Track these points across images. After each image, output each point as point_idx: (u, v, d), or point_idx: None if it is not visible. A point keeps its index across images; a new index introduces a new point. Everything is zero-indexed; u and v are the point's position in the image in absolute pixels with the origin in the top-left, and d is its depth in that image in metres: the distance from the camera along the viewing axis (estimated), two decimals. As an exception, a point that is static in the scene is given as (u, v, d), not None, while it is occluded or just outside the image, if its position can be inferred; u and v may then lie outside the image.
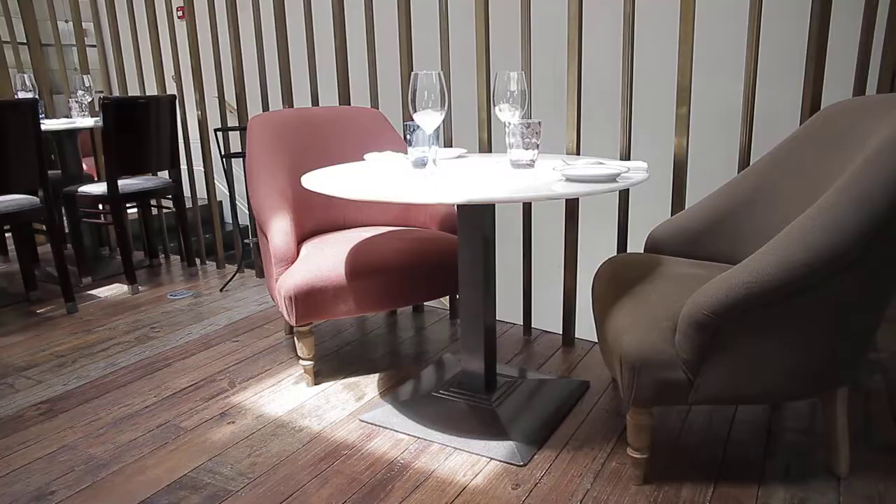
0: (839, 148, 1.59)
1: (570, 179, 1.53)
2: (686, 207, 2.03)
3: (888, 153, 1.28)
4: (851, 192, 1.28)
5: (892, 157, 1.27)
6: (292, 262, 2.01)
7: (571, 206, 2.28)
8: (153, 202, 3.65)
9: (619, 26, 2.09)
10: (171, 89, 3.46)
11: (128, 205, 3.50)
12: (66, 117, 3.36)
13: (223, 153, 3.01)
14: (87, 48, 3.79)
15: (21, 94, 3.13)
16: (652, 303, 1.54)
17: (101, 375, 2.27)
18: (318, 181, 1.62)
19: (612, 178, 1.51)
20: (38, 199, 2.77)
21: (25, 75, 3.12)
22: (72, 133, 3.38)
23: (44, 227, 3.13)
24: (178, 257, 3.77)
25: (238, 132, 3.17)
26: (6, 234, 3.92)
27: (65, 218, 3.38)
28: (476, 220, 1.73)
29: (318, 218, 2.34)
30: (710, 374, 1.44)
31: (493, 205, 1.76)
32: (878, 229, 1.28)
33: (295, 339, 2.08)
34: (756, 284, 1.34)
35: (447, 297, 2.78)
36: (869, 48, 1.90)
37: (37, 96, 3.05)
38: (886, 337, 2.35)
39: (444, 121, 1.65)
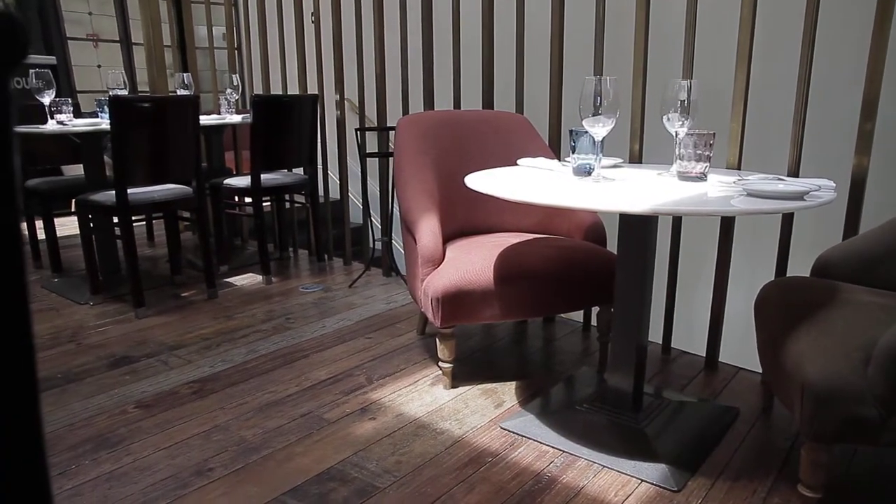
0: None
1: (751, 194, 1.44)
2: (858, 232, 1.89)
3: None
4: None
5: None
6: (439, 264, 2.02)
7: (727, 223, 2.17)
8: (287, 197, 3.79)
9: (781, 33, 1.97)
10: (311, 89, 3.59)
11: (264, 198, 3.67)
12: (214, 114, 3.55)
13: (362, 153, 3.09)
14: (234, 50, 4.00)
15: (179, 92, 3.33)
16: (839, 331, 1.43)
17: (244, 361, 2.37)
18: (485, 183, 1.61)
19: (800, 196, 1.42)
20: (190, 190, 2.93)
21: (185, 75, 3.32)
22: (219, 129, 3.57)
23: (186, 216, 3.32)
24: (306, 251, 3.90)
25: (374, 135, 3.24)
26: (153, 222, 4.19)
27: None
28: (640, 232, 1.68)
29: (461, 220, 2.34)
30: (905, 413, 1.32)
31: (657, 218, 1.70)
32: None
33: (437, 340, 2.09)
34: (972, 320, 1.21)
35: (583, 309, 2.71)
36: None
37: (195, 94, 3.23)
38: None
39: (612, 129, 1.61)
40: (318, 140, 3.53)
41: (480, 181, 1.66)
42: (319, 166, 3.59)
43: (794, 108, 1.98)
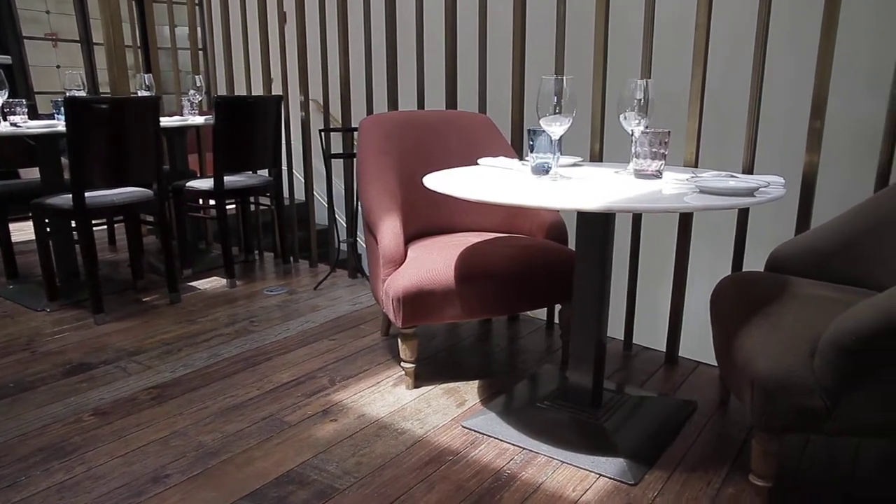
0: None
1: (703, 191, 1.47)
2: (810, 227, 1.93)
3: None
4: None
5: None
6: (401, 264, 2.01)
7: (685, 220, 2.20)
8: (252, 199, 3.75)
9: (740, 35, 2.01)
10: (275, 91, 3.56)
11: (228, 200, 3.63)
12: (177, 115, 3.51)
13: (326, 154, 3.07)
14: (198, 51, 3.95)
15: (140, 93, 3.28)
16: (787, 325, 1.46)
17: (206, 365, 2.34)
18: (443, 183, 1.61)
19: (751, 193, 1.44)
20: (151, 192, 2.89)
21: (146, 76, 3.27)
22: (182, 130, 3.52)
23: (149, 219, 3.27)
24: (272, 254, 3.87)
25: (339, 135, 3.23)
26: (114, 225, 4.12)
27: (170, 211, 3.52)
28: (598, 230, 1.69)
29: (423, 221, 2.34)
30: (851, 403, 1.35)
31: (614, 215, 1.72)
32: None
33: (398, 340, 2.08)
34: (912, 311, 1.24)
35: (545, 307, 2.73)
36: None
37: (156, 95, 3.18)
38: None
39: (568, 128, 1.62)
40: (283, 141, 3.50)
41: (438, 181, 1.66)
42: (284, 168, 3.56)
43: (747, 107, 2.02)
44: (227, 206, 3.28)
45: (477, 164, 2.11)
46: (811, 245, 1.85)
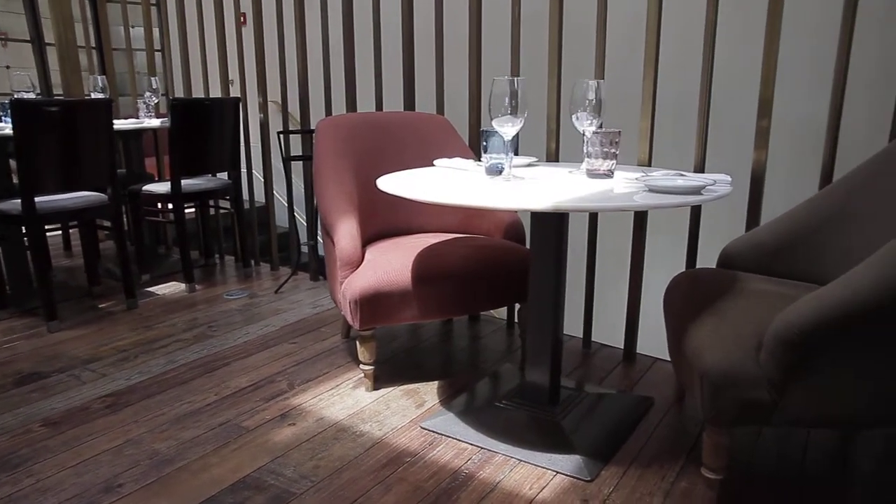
0: (938, 165, 1.52)
1: (652, 190, 1.49)
2: (760, 223, 1.97)
3: None
4: (960, 211, 1.22)
5: None
6: (358, 266, 2.01)
7: (640, 218, 2.23)
8: (211, 202, 3.70)
9: (690, 35, 2.05)
10: (233, 92, 3.52)
11: (187, 204, 3.57)
12: (132, 118, 3.44)
13: (285, 156, 3.04)
14: (154, 52, 3.89)
15: (93, 95, 3.21)
16: (735, 320, 1.49)
17: (163, 371, 2.30)
18: (396, 185, 1.61)
19: (697, 191, 1.47)
20: (105, 197, 2.83)
21: (99, 77, 3.21)
22: (138, 133, 3.46)
23: (106, 224, 3.21)
24: (233, 258, 3.82)
25: (297, 137, 3.20)
26: (70, 230, 4.03)
27: (127, 215, 3.46)
28: (551, 229, 1.71)
29: (381, 222, 2.34)
30: (795, 395, 1.38)
31: (568, 214, 1.73)
32: None
33: (357, 343, 2.08)
34: (850, 304, 1.28)
35: (505, 307, 2.75)
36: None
37: (110, 98, 3.12)
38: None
39: (520, 128, 1.63)
40: (242, 144, 3.47)
41: (390, 183, 1.66)
42: (244, 170, 3.52)
43: (697, 107, 2.06)
44: (186, 210, 3.24)
45: (433, 165, 2.11)
46: (760, 241, 1.89)
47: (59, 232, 4.05)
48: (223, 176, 3.53)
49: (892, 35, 1.81)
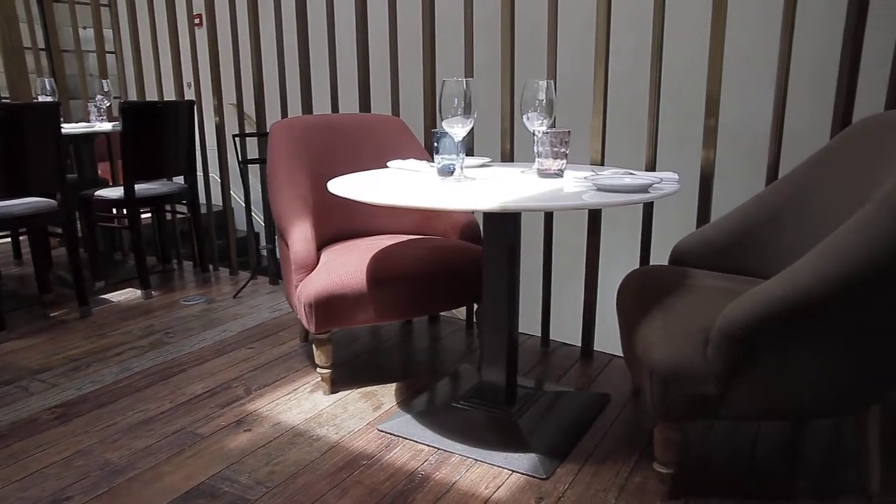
0: (875, 162, 1.57)
1: (600, 189, 1.51)
2: (711, 220, 2.01)
3: (930, 167, 1.25)
4: (892, 207, 1.26)
5: (933, 171, 1.25)
6: (312, 269, 1.99)
7: (594, 216, 2.25)
8: (167, 207, 3.64)
9: (643, 35, 2.08)
10: (188, 95, 3.46)
11: (142, 209, 3.50)
12: (84, 122, 3.37)
13: (241, 159, 3.01)
14: (106, 54, 3.81)
15: (41, 98, 3.13)
16: (683, 316, 1.52)
17: (116, 380, 2.25)
18: (345, 187, 1.60)
19: (644, 189, 1.49)
20: (55, 203, 2.76)
21: (46, 80, 3.13)
22: (89, 137, 3.38)
23: (59, 231, 3.13)
24: (191, 263, 3.76)
25: (254, 139, 3.17)
26: (20, 237, 3.92)
27: (80, 222, 3.38)
28: (503, 229, 1.71)
29: (338, 225, 2.32)
30: (741, 388, 1.41)
31: (520, 214, 1.74)
32: (919, 244, 1.25)
33: (313, 346, 2.06)
34: (792, 298, 1.31)
35: (463, 307, 2.75)
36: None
37: (57, 101, 3.05)
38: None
39: (470, 129, 1.64)
40: (198, 147, 3.41)
41: (339, 185, 1.65)
42: (200, 174, 3.47)
43: (647, 106, 2.09)
44: (143, 215, 3.18)
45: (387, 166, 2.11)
46: (710, 238, 1.92)
47: (9, 239, 3.94)
48: (179, 180, 3.47)
49: (837, 31, 1.86)
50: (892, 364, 1.45)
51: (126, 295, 3.22)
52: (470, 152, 2.48)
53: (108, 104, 3.30)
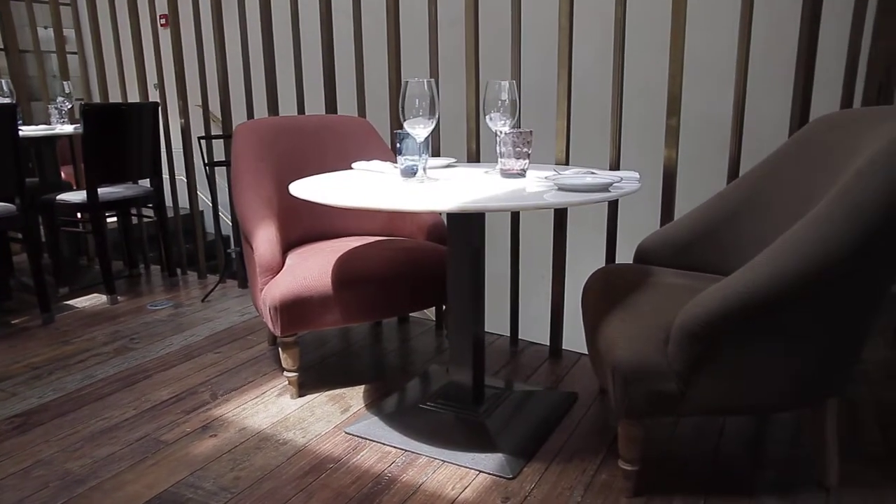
0: (830, 159, 1.60)
1: (561, 188, 1.51)
2: (675, 218, 2.03)
3: (879, 165, 1.28)
4: (844, 203, 1.28)
5: (883, 169, 1.28)
6: (278, 272, 1.97)
7: (560, 216, 2.27)
8: (134, 211, 3.58)
9: (609, 36, 2.09)
10: (154, 97, 3.41)
11: (108, 213, 3.44)
12: (45, 124, 3.30)
13: (206, 162, 2.97)
14: (68, 55, 3.74)
15: (-1, 100, 3.06)
16: (644, 314, 1.53)
17: (78, 388, 2.21)
18: (307, 189, 1.59)
19: (605, 188, 1.50)
20: (13, 207, 2.71)
21: (3, 80, 3.06)
22: (50, 140, 3.32)
23: (20, 236, 3.06)
24: (159, 267, 3.71)
25: (222, 141, 3.14)
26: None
27: (42, 226, 3.31)
28: (466, 229, 1.71)
29: (304, 227, 2.31)
30: (702, 385, 1.43)
31: (483, 214, 1.75)
32: (870, 240, 1.28)
33: (279, 349, 2.04)
34: (750, 295, 1.33)
35: (433, 307, 2.75)
36: (856, 61, 1.92)
37: (14, 102, 2.99)
38: (872, 348, 2.36)
39: (433, 130, 1.63)
40: (164, 150, 3.37)
41: (302, 187, 1.64)
42: (166, 177, 3.42)
43: (610, 106, 2.10)
44: (109, 220, 3.12)
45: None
46: (672, 236, 1.94)
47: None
48: (146, 183, 3.42)
49: (796, 31, 1.89)
50: (847, 358, 1.47)
51: (91, 301, 3.16)
52: (436, 153, 2.48)
53: (69, 106, 3.23)
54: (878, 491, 1.57)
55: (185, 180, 3.39)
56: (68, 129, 3.12)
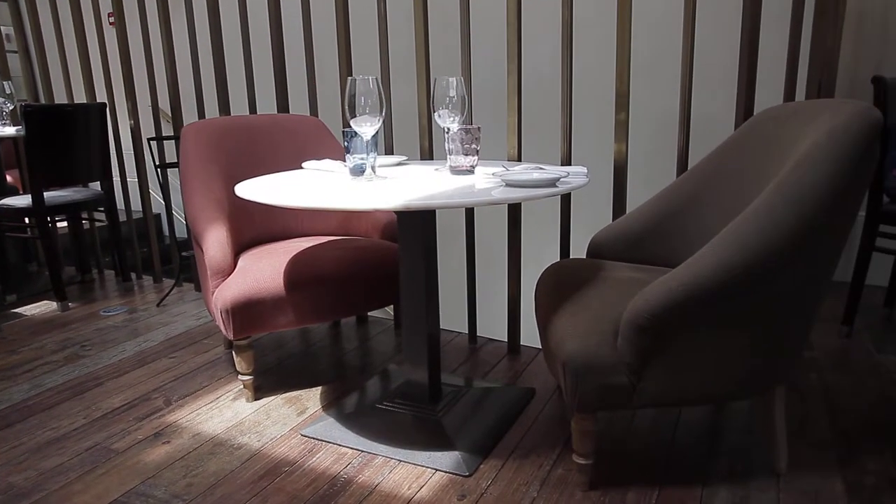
0: (771, 152, 1.63)
1: (509, 184, 1.52)
2: (627, 212, 2.05)
3: (817, 156, 1.31)
4: (784, 194, 1.31)
5: (821, 160, 1.30)
6: (229, 274, 1.94)
7: (514, 212, 2.27)
8: (85, 215, 3.49)
9: (558, 32, 2.10)
10: (101, 97, 3.33)
11: (58, 218, 3.36)
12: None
13: (157, 163, 2.91)
14: (8, 54, 3.62)
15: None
16: (594, 308, 1.54)
17: (25, 398, 2.15)
18: (253, 189, 1.57)
19: (552, 183, 1.50)
20: (-45, 213, 2.62)
21: (-59, 82, 2.95)
22: (-7, 143, 3.22)
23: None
24: (113, 272, 3.62)
25: (174, 142, 3.07)
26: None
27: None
28: (416, 226, 1.71)
29: (257, 229, 2.27)
30: (651, 377, 1.44)
31: (434, 211, 1.74)
32: (810, 229, 1.30)
33: (233, 353, 2.01)
34: (695, 287, 1.35)
35: (392, 306, 2.74)
36: (797, 57, 1.96)
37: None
38: (819, 336, 2.42)
39: (384, 127, 1.62)
40: (114, 152, 3.29)
41: (248, 188, 1.61)
42: (117, 179, 3.34)
43: (560, 102, 2.11)
44: (59, 224, 3.04)
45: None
46: (624, 230, 1.96)
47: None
48: (96, 186, 3.34)
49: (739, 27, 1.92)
50: (793, 345, 1.51)
51: (41, 308, 3.08)
52: (390, 151, 2.46)
53: (11, 107, 3.13)
54: (826, 474, 1.61)
55: (137, 182, 3.31)
56: (10, 131, 3.02)
